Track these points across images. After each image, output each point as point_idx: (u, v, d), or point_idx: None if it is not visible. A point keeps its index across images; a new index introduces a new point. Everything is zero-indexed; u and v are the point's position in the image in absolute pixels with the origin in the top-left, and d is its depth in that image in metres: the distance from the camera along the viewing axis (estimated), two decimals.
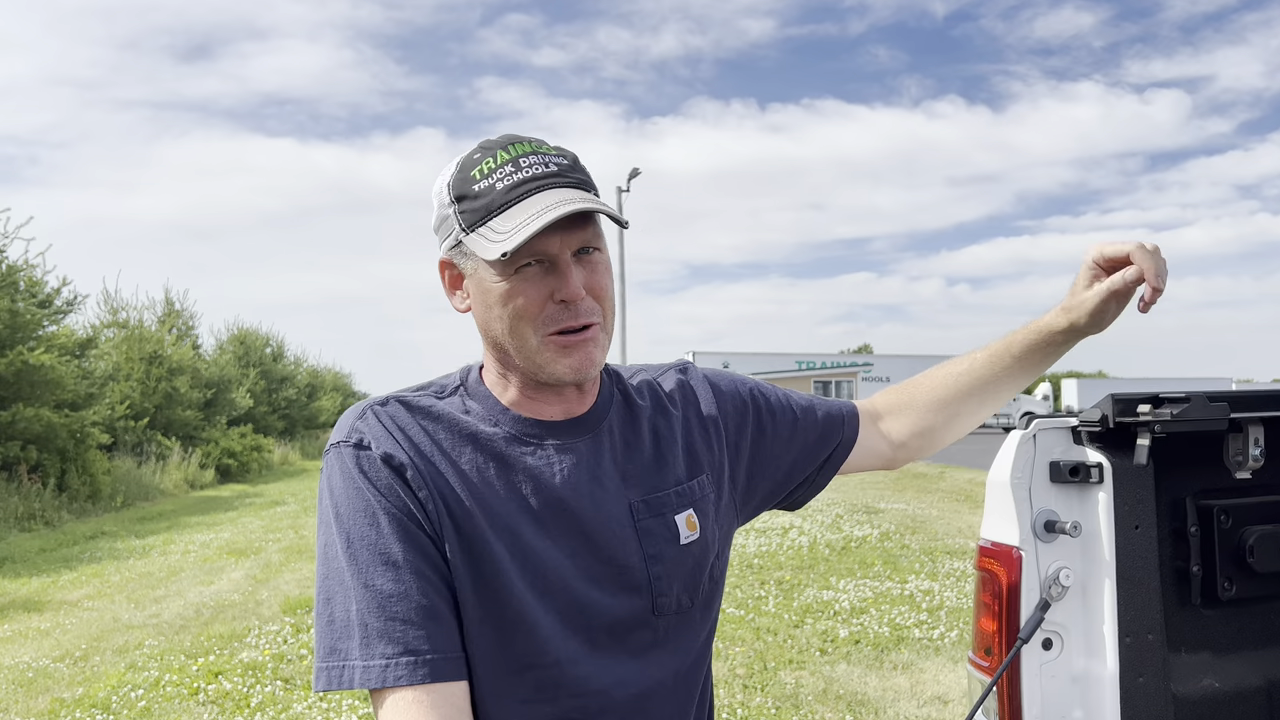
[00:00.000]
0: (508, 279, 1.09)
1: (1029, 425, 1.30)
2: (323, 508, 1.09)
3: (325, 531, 1.08)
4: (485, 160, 1.10)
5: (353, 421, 1.12)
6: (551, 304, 1.09)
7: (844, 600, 6.83)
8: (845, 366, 47.11)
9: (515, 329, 1.10)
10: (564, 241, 1.08)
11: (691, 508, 1.21)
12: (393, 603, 1.02)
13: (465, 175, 1.11)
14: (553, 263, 1.09)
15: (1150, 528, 1.30)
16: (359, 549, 1.04)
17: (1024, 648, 1.26)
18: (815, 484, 1.39)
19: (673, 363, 1.36)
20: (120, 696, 5.10)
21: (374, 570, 1.03)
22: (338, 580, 1.05)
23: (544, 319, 1.10)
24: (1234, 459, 1.33)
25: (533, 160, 1.10)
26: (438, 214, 1.15)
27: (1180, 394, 1.28)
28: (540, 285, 1.09)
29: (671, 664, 1.19)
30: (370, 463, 1.07)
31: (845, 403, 1.42)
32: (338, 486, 1.08)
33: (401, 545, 1.04)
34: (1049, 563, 1.27)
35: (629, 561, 1.15)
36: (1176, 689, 1.38)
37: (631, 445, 1.21)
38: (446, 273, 1.17)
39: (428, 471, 1.09)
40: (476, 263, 1.11)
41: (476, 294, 1.13)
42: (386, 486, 1.07)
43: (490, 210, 1.08)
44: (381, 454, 1.08)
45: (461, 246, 1.11)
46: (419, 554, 1.05)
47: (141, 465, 17.10)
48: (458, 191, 1.11)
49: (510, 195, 1.07)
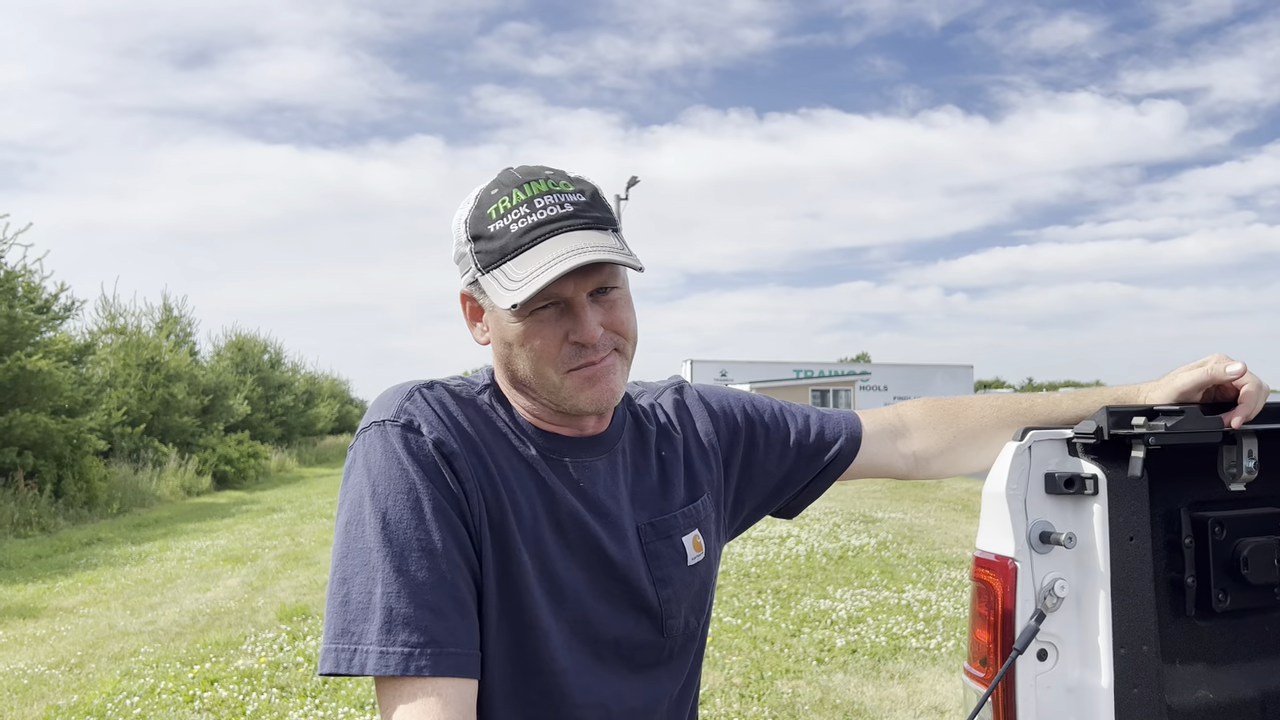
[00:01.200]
0: (523, 321, 1.10)
1: (1024, 437, 1.31)
2: (354, 485, 1.06)
3: (353, 510, 1.05)
4: (502, 199, 1.10)
5: (400, 402, 1.10)
6: (568, 344, 1.10)
7: (841, 609, 6.82)
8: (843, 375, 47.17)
9: (536, 368, 1.11)
10: (578, 285, 1.09)
11: (697, 528, 1.23)
12: (424, 590, 1.00)
13: (482, 213, 1.11)
14: (568, 304, 1.10)
15: (1145, 539, 1.31)
16: (395, 531, 1.02)
17: (1019, 659, 1.26)
18: (811, 493, 1.40)
19: (668, 381, 1.37)
20: (115, 704, 5.09)
21: (409, 555, 1.01)
22: (361, 560, 1.02)
23: (563, 357, 1.11)
24: (1228, 471, 1.34)
25: (548, 201, 1.10)
26: (456, 249, 1.15)
27: (1175, 406, 1.29)
28: (556, 327, 1.10)
29: (670, 683, 1.20)
30: (419, 446, 1.06)
31: (848, 416, 1.42)
32: (377, 465, 1.05)
33: (441, 534, 1.03)
34: (1044, 574, 1.28)
35: (640, 583, 1.16)
36: (1171, 700, 1.39)
37: (640, 469, 1.23)
38: (468, 304, 1.18)
39: (473, 464, 1.08)
40: (492, 302, 1.11)
41: (496, 330, 1.14)
42: (434, 472, 1.05)
43: (505, 254, 1.08)
44: (434, 439, 1.07)
45: (479, 285, 1.12)
46: (457, 545, 1.04)
47: (138, 472, 17.07)
48: (474, 230, 1.11)
49: (524, 240, 1.07)
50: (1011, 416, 1.41)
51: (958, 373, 49.99)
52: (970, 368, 51.62)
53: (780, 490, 1.37)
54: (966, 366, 51.49)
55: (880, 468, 1.43)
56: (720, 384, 23.41)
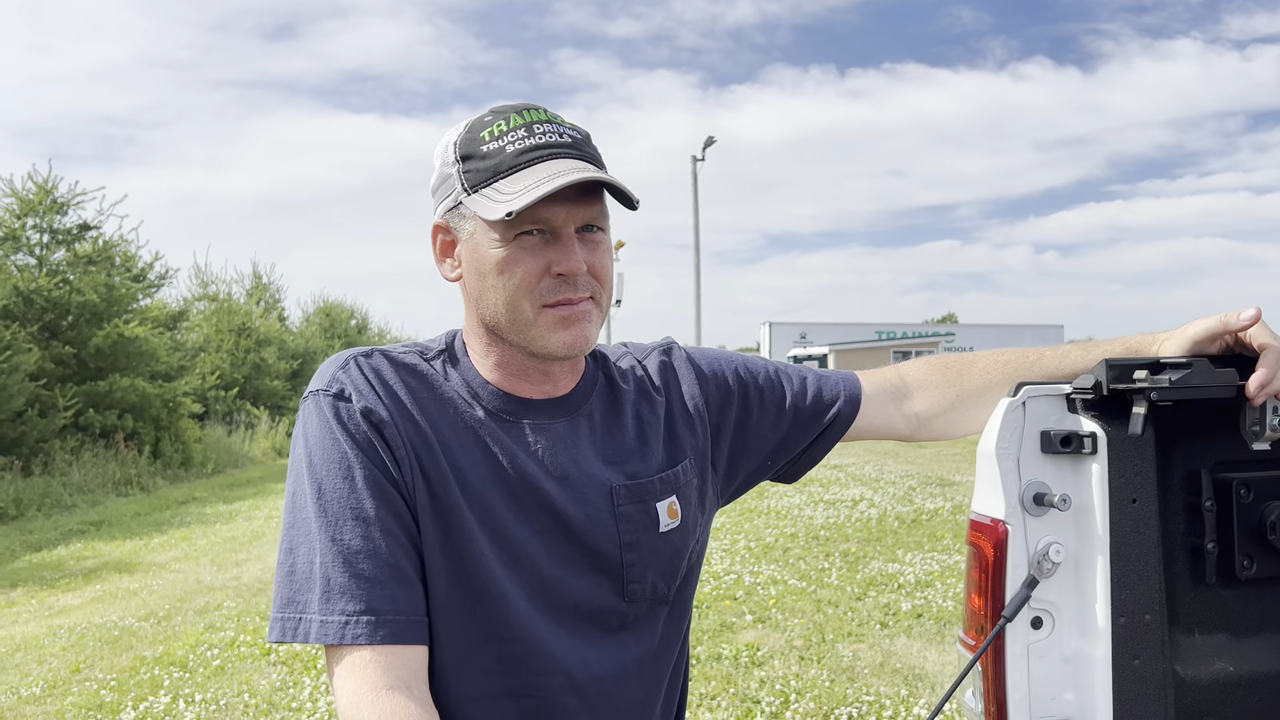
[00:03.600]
0: (506, 245, 1.06)
1: (1018, 392, 1.24)
2: (295, 456, 1.08)
3: (295, 480, 1.07)
4: (497, 123, 1.08)
5: (334, 371, 1.10)
6: (549, 277, 1.07)
7: (909, 573, 6.73)
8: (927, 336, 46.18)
9: (511, 299, 1.07)
10: (569, 214, 1.06)
11: (674, 495, 1.19)
12: (359, 559, 1.01)
13: (474, 136, 1.09)
14: (555, 234, 1.07)
15: (1150, 501, 1.23)
16: (330, 501, 1.03)
17: (1011, 627, 1.21)
18: (810, 458, 1.35)
19: (657, 342, 1.33)
20: (198, 655, 5.33)
21: (343, 524, 1.02)
22: (303, 531, 1.04)
23: (541, 290, 1.07)
24: (1250, 429, 1.25)
25: (547, 128, 1.08)
26: (439, 173, 1.12)
27: (1183, 359, 1.21)
28: (540, 255, 1.06)
29: (638, 650, 1.17)
30: (349, 414, 1.06)
31: (847, 376, 1.38)
32: (313, 435, 1.06)
33: (374, 502, 1.03)
34: (1038, 537, 1.21)
35: (601, 546, 1.13)
36: (1184, 671, 1.32)
37: (614, 430, 1.19)
38: (439, 237, 1.14)
39: (407, 430, 1.07)
40: (474, 226, 1.08)
41: (470, 261, 1.10)
42: (364, 440, 1.05)
43: (498, 172, 1.05)
44: (362, 407, 1.06)
45: (460, 209, 1.09)
46: (391, 513, 1.04)
47: (231, 433, 17.75)
48: (464, 151, 1.09)
49: (520, 159, 1.05)
50: (1017, 372, 1.34)
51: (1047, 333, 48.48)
52: (1060, 327, 50.02)
53: (777, 455, 1.32)
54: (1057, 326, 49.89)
55: (882, 429, 1.38)
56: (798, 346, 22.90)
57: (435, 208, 1.14)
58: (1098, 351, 1.30)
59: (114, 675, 5.08)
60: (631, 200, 1.08)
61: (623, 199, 1.08)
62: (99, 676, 5.06)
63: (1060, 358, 1.33)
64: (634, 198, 1.07)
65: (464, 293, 1.15)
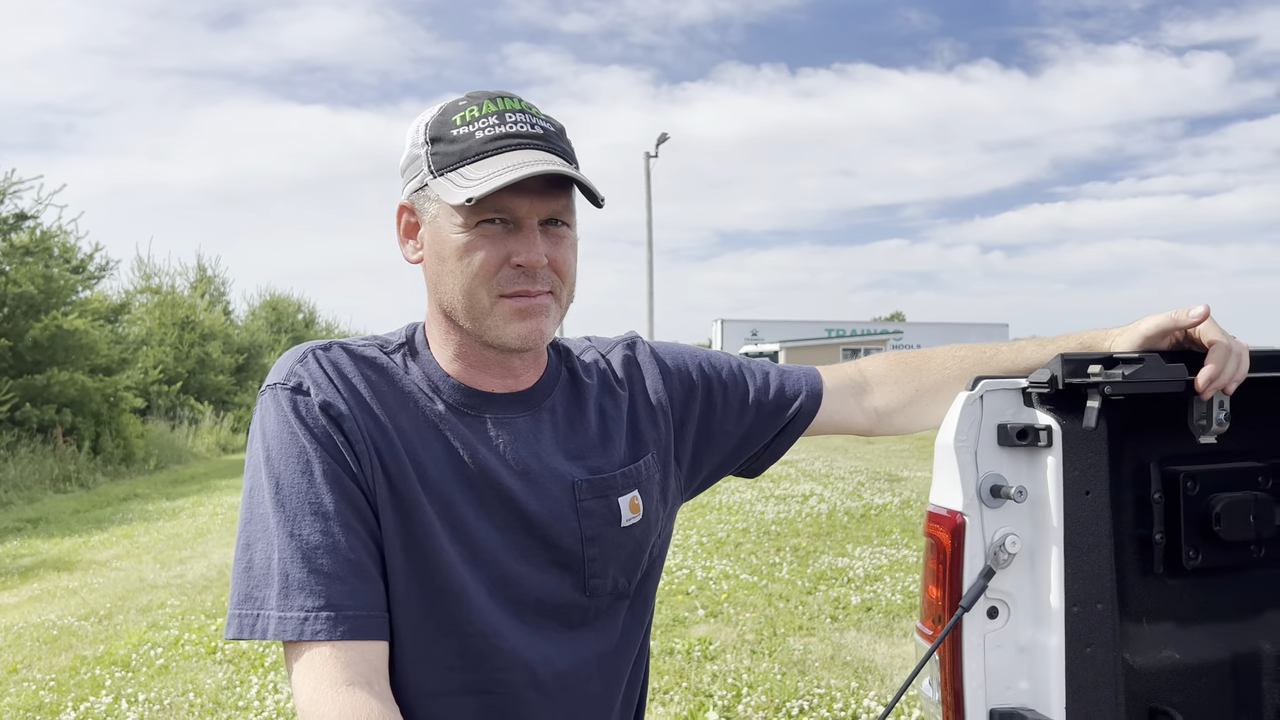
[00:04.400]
0: (468, 231, 1.05)
1: (976, 386, 1.26)
2: (252, 450, 1.06)
3: (253, 475, 1.05)
4: (470, 108, 1.08)
5: (292, 364, 1.08)
6: (509, 267, 1.06)
7: (859, 568, 6.81)
8: (875, 334, 46.77)
9: (468, 286, 1.06)
10: (534, 206, 1.05)
11: (636, 489, 1.19)
12: (318, 554, 1.00)
13: (445, 119, 1.08)
14: (518, 225, 1.06)
15: (1103, 493, 1.26)
16: (288, 496, 1.02)
17: (968, 617, 1.23)
18: (773, 452, 1.37)
19: (621, 337, 1.33)
20: (140, 654, 5.22)
21: (302, 519, 1.01)
22: (261, 526, 1.02)
23: (499, 279, 1.06)
24: (1197, 423, 1.28)
25: (520, 117, 1.07)
26: (408, 154, 1.12)
27: (1135, 354, 1.24)
28: (500, 245, 1.06)
29: (599, 645, 1.17)
30: (308, 408, 1.05)
31: (808, 372, 1.39)
32: (271, 430, 1.05)
33: (333, 496, 1.02)
34: (994, 529, 1.24)
35: (563, 541, 1.13)
36: (1133, 659, 1.35)
37: (576, 424, 1.19)
38: (403, 218, 1.14)
39: (366, 424, 1.06)
40: (438, 209, 1.08)
41: (431, 244, 1.10)
42: (323, 434, 1.04)
43: (465, 157, 1.05)
44: (320, 401, 1.05)
45: (426, 190, 1.08)
46: (350, 507, 1.03)
47: (175, 429, 17.39)
48: (434, 133, 1.08)
49: (488, 146, 1.04)
50: (974, 367, 1.36)
51: (992, 331, 49.37)
52: (1005, 326, 50.96)
53: (740, 449, 1.33)
54: (1001, 325, 50.82)
55: (842, 424, 1.39)
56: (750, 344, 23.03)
57: (402, 188, 1.13)
58: (1052, 347, 1.33)
59: (53, 675, 4.95)
60: (597, 197, 1.08)
61: (588, 195, 1.08)
62: (37, 677, 4.93)
63: (1016, 353, 1.36)
64: (599, 195, 1.07)
65: (425, 276, 1.14)
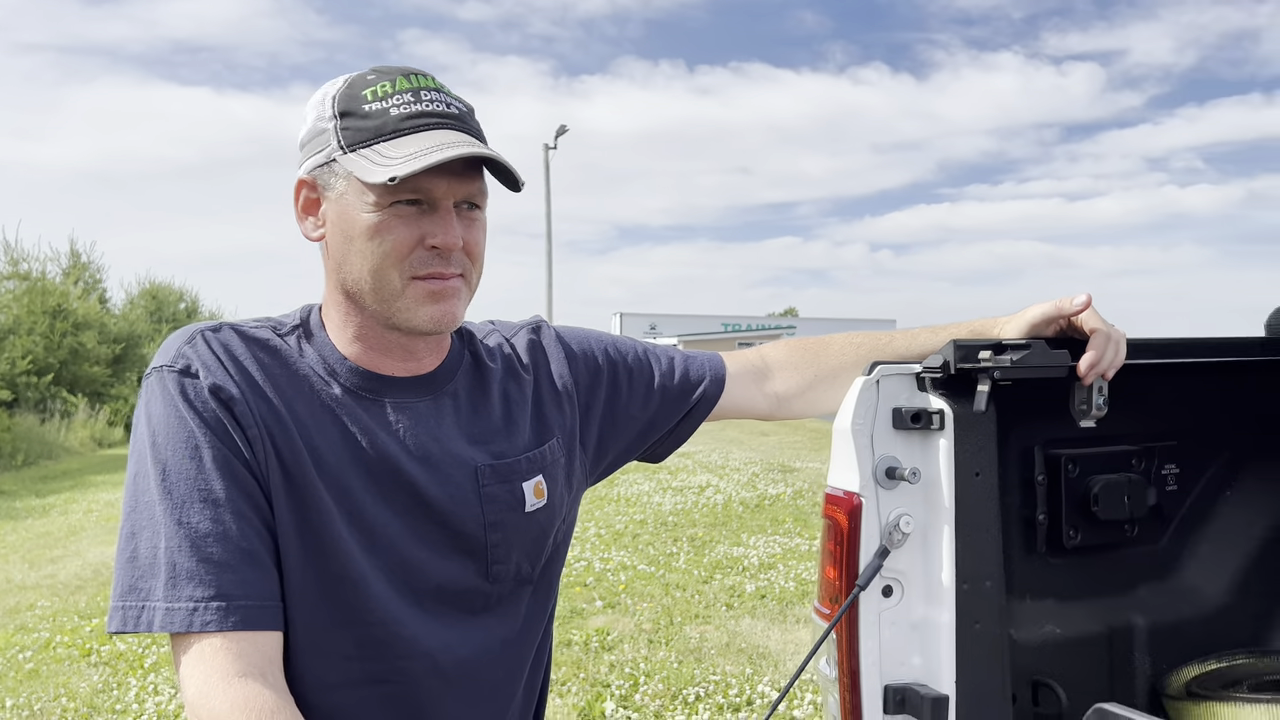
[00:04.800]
0: (381, 211, 1.03)
1: (872, 371, 1.30)
2: (137, 436, 1.02)
3: (138, 461, 1.01)
4: (381, 83, 1.05)
5: (179, 346, 1.04)
6: (422, 249, 1.04)
7: (753, 556, 6.93)
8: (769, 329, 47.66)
9: (379, 267, 1.04)
10: (450, 188, 1.04)
11: (541, 474, 1.18)
12: (208, 543, 0.96)
13: (355, 93, 1.05)
14: (433, 206, 1.04)
15: (991, 475, 1.32)
16: (175, 483, 0.98)
17: (864, 596, 1.26)
18: (677, 437, 1.38)
19: (525, 321, 1.32)
20: (7, 659, 4.94)
21: (190, 507, 0.97)
22: (146, 514, 0.98)
23: (412, 261, 1.04)
24: (1078, 408, 1.35)
25: (434, 96, 1.06)
26: (312, 127, 1.07)
27: (1022, 341, 1.29)
28: (415, 226, 1.04)
29: (501, 631, 1.16)
30: (196, 392, 1.01)
31: (712, 358, 1.41)
32: (157, 414, 1.01)
33: (223, 483, 0.99)
34: (890, 510, 1.28)
35: (465, 527, 1.11)
36: (1018, 635, 1.41)
37: (480, 409, 1.17)
38: (303, 193, 1.09)
39: (258, 408, 1.03)
40: (347, 186, 1.04)
41: (337, 222, 1.06)
42: (213, 419, 1.00)
43: (380, 134, 1.02)
44: (210, 384, 1.01)
45: (333, 166, 1.05)
46: (241, 494, 1.00)
47: (45, 423, 16.48)
48: (344, 107, 1.05)
49: (406, 124, 1.02)
50: (871, 352, 1.40)
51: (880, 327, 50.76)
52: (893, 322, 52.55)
53: (646, 434, 1.34)
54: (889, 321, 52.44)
55: (744, 409, 1.41)
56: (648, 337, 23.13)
57: (302, 162, 1.09)
58: (945, 334, 1.37)
59: None
60: (517, 182, 1.07)
61: (508, 180, 1.07)
62: None
63: (911, 339, 1.40)
64: (520, 180, 1.07)
65: (325, 255, 1.10)
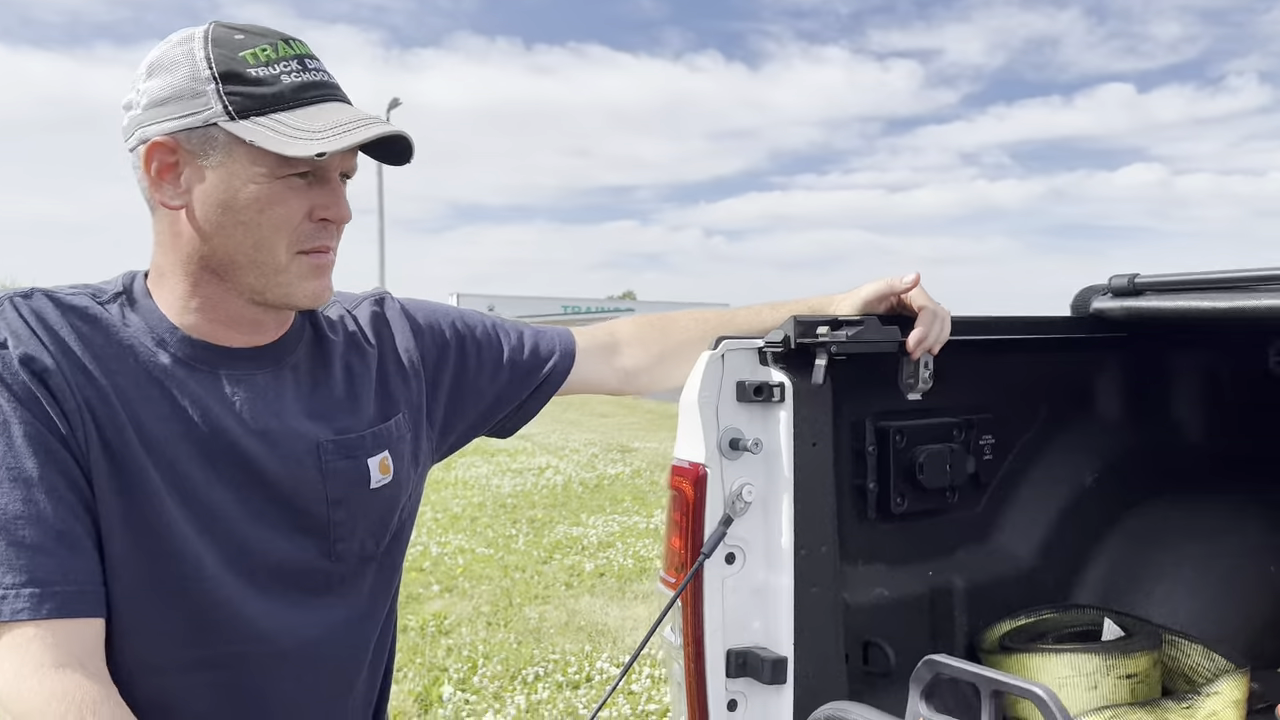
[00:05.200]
0: (271, 182, 0.99)
1: (718, 346, 1.33)
2: None
3: None
4: (259, 46, 1.00)
5: None
6: (309, 221, 1.03)
7: (592, 535, 6.99)
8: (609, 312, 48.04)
9: (265, 240, 1.00)
10: (343, 160, 1.04)
11: (387, 450, 1.15)
12: (19, 525, 0.90)
13: (233, 55, 0.99)
14: (322, 179, 1.03)
15: (827, 445, 1.37)
16: None
17: (709, 563, 1.29)
18: (526, 412, 1.37)
19: (369, 292, 1.28)
20: None
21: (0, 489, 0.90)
22: None
23: (299, 235, 1.02)
24: (906, 381, 1.42)
25: (317, 65, 1.05)
26: (178, 85, 0.99)
27: (857, 317, 1.35)
28: (304, 198, 1.02)
29: (344, 611, 1.12)
30: (6, 363, 0.93)
31: (561, 333, 1.40)
32: None
33: (36, 461, 0.91)
34: (733, 479, 1.31)
35: (307, 505, 1.07)
36: (850, 598, 1.48)
37: (321, 383, 1.13)
38: (158, 156, 1.00)
39: (76, 380, 0.95)
40: (229, 155, 0.98)
41: (213, 191, 1.00)
42: (24, 392, 0.92)
43: (277, 103, 0.99)
44: (21, 354, 0.93)
45: (211, 131, 0.98)
46: (57, 473, 0.92)
47: None
48: (225, 69, 0.98)
49: (303, 94, 1.00)
50: (716, 328, 1.43)
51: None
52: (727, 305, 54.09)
53: (494, 409, 1.32)
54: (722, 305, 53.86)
55: (594, 384, 1.42)
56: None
57: (152, 123, 1.00)
58: (785, 310, 1.42)
59: None
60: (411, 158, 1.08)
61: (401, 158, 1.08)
62: None
63: (754, 315, 1.44)
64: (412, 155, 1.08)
65: (174, 224, 1.03)
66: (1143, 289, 1.67)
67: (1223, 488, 1.92)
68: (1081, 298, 1.75)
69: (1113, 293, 1.70)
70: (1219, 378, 1.99)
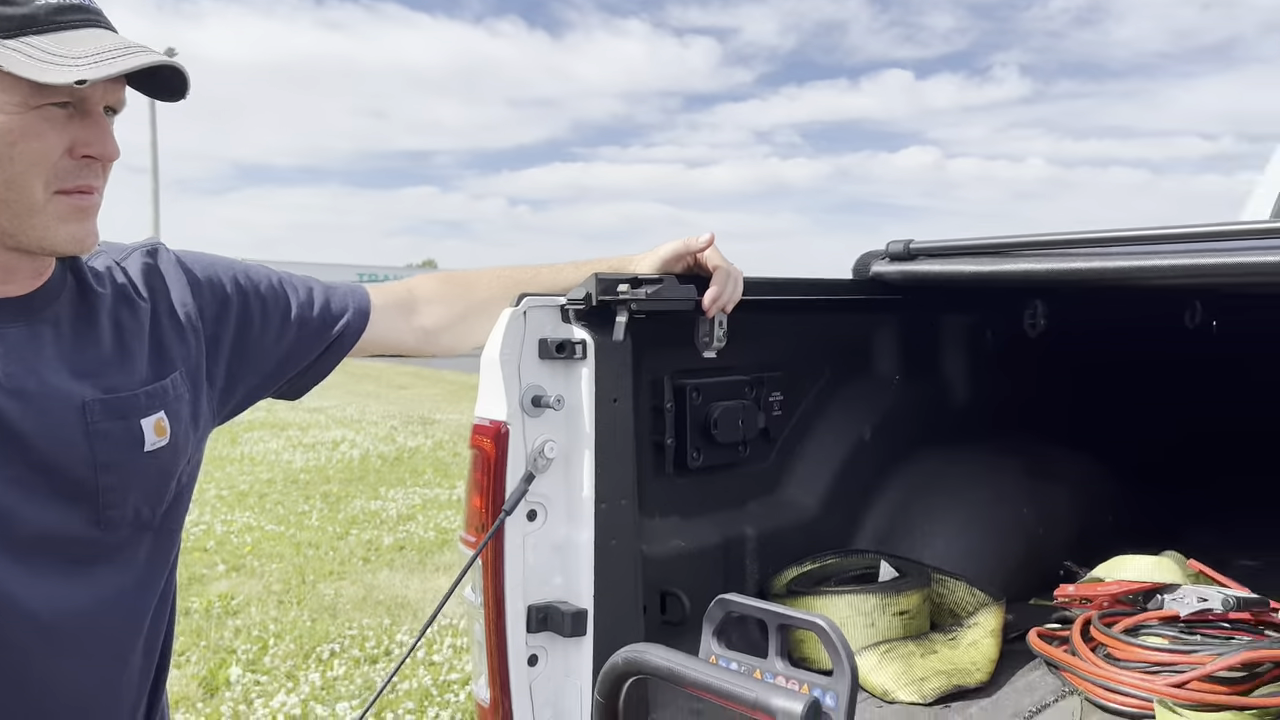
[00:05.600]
0: (24, 113, 0.90)
1: (520, 303, 1.32)
2: None
3: None
4: None
5: None
6: (69, 158, 0.94)
7: (391, 509, 6.83)
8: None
9: (18, 177, 0.91)
10: (107, 92, 0.96)
11: (162, 410, 1.07)
12: None
13: None
14: (84, 112, 0.94)
15: (627, 401, 1.39)
16: None
17: (510, 521, 1.29)
18: (317, 372, 1.31)
19: (140, 243, 1.18)
20: None
21: None
22: None
23: (57, 172, 0.93)
24: (702, 339, 1.46)
25: None
26: None
27: (656, 276, 1.37)
28: (64, 132, 0.93)
29: (117, 581, 1.05)
30: None
31: (355, 289, 1.35)
32: None
33: None
34: (535, 436, 1.31)
35: (72, 469, 0.99)
36: (648, 550, 1.52)
37: (85, 338, 1.04)
38: None
39: None
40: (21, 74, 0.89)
41: None
42: None
43: (30, 25, 0.90)
44: None
45: None
46: None
47: None
48: None
49: (59, 17, 0.92)
50: (517, 286, 1.41)
51: None
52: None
53: (281, 369, 1.25)
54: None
55: (390, 344, 1.37)
56: None
57: None
58: (588, 268, 1.43)
59: None
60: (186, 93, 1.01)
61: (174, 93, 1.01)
62: None
63: (556, 273, 1.44)
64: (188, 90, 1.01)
65: None
66: (917, 254, 1.78)
67: (983, 438, 2.10)
68: (862, 262, 1.86)
69: (890, 257, 1.82)
70: (982, 337, 2.17)
